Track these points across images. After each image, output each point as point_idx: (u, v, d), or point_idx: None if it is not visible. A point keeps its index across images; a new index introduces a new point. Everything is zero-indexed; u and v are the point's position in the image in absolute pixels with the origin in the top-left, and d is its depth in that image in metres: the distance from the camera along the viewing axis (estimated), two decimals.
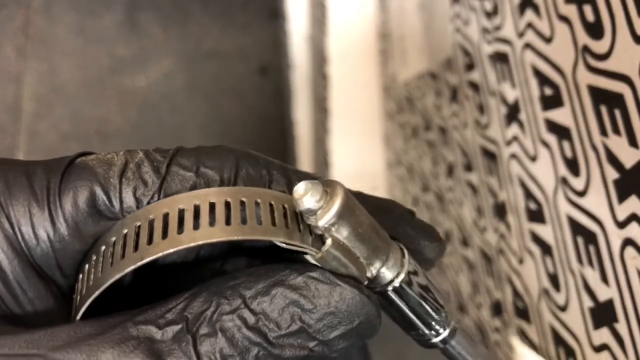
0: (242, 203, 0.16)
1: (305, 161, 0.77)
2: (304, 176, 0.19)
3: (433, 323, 0.19)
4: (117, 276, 0.15)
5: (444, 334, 0.20)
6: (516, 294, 0.33)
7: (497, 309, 0.36)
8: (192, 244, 0.15)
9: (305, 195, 0.16)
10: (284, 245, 0.16)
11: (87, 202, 0.17)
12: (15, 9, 0.84)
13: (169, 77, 0.84)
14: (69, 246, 0.17)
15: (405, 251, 0.19)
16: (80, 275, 0.17)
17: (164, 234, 0.15)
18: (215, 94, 0.85)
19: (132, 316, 0.15)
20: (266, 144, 0.82)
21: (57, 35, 0.86)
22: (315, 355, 0.16)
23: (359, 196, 0.19)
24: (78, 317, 0.16)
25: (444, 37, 0.40)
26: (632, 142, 0.21)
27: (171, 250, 0.15)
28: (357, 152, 0.62)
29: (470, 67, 0.36)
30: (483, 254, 0.37)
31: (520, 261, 0.32)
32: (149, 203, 0.17)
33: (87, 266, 0.17)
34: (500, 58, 0.31)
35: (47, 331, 0.15)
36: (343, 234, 0.16)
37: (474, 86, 0.35)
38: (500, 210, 0.34)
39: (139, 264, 0.15)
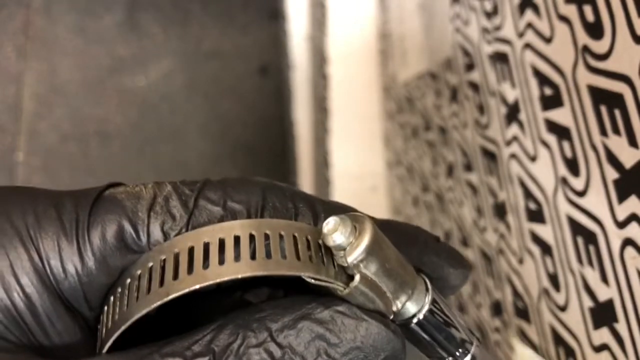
0: (267, 236, 0.16)
1: (305, 161, 0.77)
2: (330, 206, 0.19)
3: (454, 351, 0.20)
4: (144, 312, 0.15)
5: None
6: (516, 294, 0.33)
7: (497, 309, 0.36)
8: (218, 280, 0.15)
9: (336, 232, 0.16)
10: (312, 280, 0.16)
11: (116, 236, 0.17)
12: (15, 9, 0.84)
13: (169, 77, 0.84)
14: (96, 280, 0.17)
15: (429, 284, 0.19)
16: (106, 308, 0.17)
17: (190, 269, 0.16)
18: (215, 94, 0.85)
19: (158, 348, 0.16)
20: (266, 144, 0.82)
21: (57, 35, 0.86)
22: None
23: (385, 224, 0.19)
24: (105, 350, 0.16)
25: (444, 37, 0.40)
26: (632, 142, 0.21)
27: (197, 287, 0.15)
28: (357, 152, 0.62)
29: (470, 67, 0.36)
30: (483, 254, 0.37)
31: (520, 261, 0.32)
32: None
33: (112, 298, 0.17)
34: (500, 58, 0.31)
35: None
36: (371, 269, 0.17)
37: (474, 86, 0.35)
38: (500, 210, 0.34)
39: (165, 300, 0.15)
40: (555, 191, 0.27)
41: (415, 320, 0.18)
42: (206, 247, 0.16)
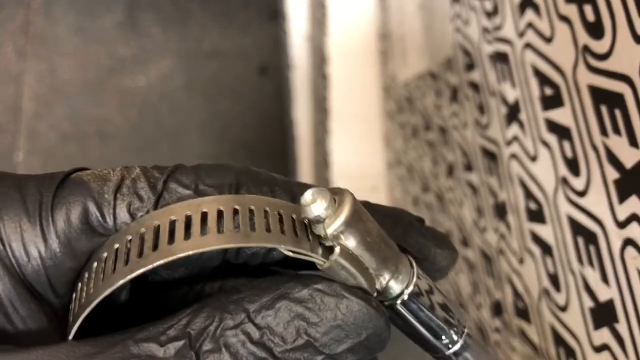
0: (236, 211, 0.16)
1: (305, 161, 0.77)
2: (308, 188, 0.19)
3: (444, 336, 0.19)
4: (108, 291, 0.15)
5: (456, 346, 0.19)
6: (516, 294, 0.33)
7: (497, 309, 0.36)
8: (182, 254, 0.15)
9: (314, 203, 0.15)
10: (289, 253, 0.16)
11: (80, 218, 0.16)
12: (15, 9, 0.84)
13: (169, 77, 0.84)
14: (61, 263, 0.16)
15: (414, 263, 0.18)
16: (74, 294, 0.16)
17: (155, 246, 0.15)
18: (215, 94, 0.85)
19: (132, 334, 0.15)
20: (266, 144, 0.82)
21: (57, 35, 0.86)
22: None
23: (367, 205, 0.19)
24: (71, 335, 0.16)
25: (444, 37, 0.39)
26: (633, 142, 0.21)
27: (162, 262, 0.15)
28: (357, 152, 0.62)
29: (470, 67, 0.36)
30: (483, 254, 0.37)
31: (521, 261, 0.32)
32: None
33: (79, 284, 0.16)
34: (500, 58, 0.31)
35: (45, 350, 0.15)
36: (352, 242, 0.16)
37: (474, 86, 0.35)
38: (501, 210, 0.34)
39: (129, 277, 0.15)
40: (556, 191, 0.27)
41: (399, 300, 0.18)
42: (172, 224, 0.15)
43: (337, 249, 0.16)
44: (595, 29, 0.23)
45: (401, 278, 0.17)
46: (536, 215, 0.29)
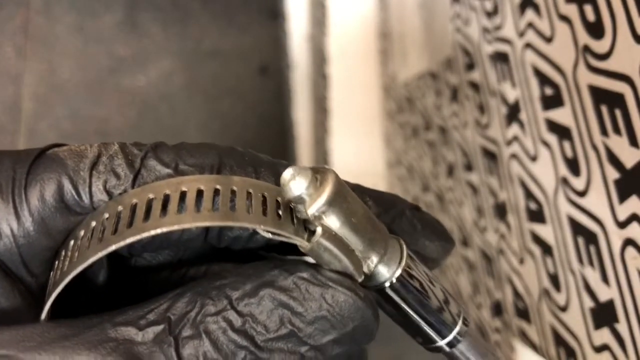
0: (217, 191, 0.15)
1: (305, 161, 0.77)
2: None
3: (437, 324, 0.18)
4: (80, 268, 0.15)
5: (450, 337, 0.18)
6: (516, 294, 0.33)
7: (497, 309, 0.36)
8: (156, 231, 0.14)
9: (293, 181, 0.15)
10: (269, 235, 0.15)
11: (55, 196, 0.16)
12: (14, 9, 0.84)
13: (169, 77, 0.84)
14: (35, 242, 0.16)
15: (404, 246, 0.17)
16: (51, 273, 0.16)
17: (130, 224, 0.15)
18: (215, 94, 0.85)
19: (111, 317, 0.15)
20: (266, 144, 0.82)
21: (57, 35, 0.86)
22: None
23: (358, 188, 0.18)
24: (43, 315, 0.15)
25: (444, 37, 0.39)
26: (633, 142, 0.21)
27: (135, 238, 0.14)
28: (357, 152, 0.62)
29: (470, 66, 0.36)
30: (483, 254, 0.37)
31: (521, 261, 0.32)
32: None
33: (56, 263, 0.16)
34: (500, 58, 0.31)
35: (18, 331, 0.14)
36: (335, 223, 0.15)
37: (474, 86, 0.35)
38: (501, 210, 0.34)
39: (101, 253, 0.14)
40: (556, 191, 0.27)
41: (388, 283, 0.17)
42: (150, 202, 0.15)
43: (319, 230, 0.15)
44: (595, 29, 0.23)
45: (391, 262, 0.17)
46: (536, 215, 0.29)
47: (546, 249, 0.29)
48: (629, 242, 0.22)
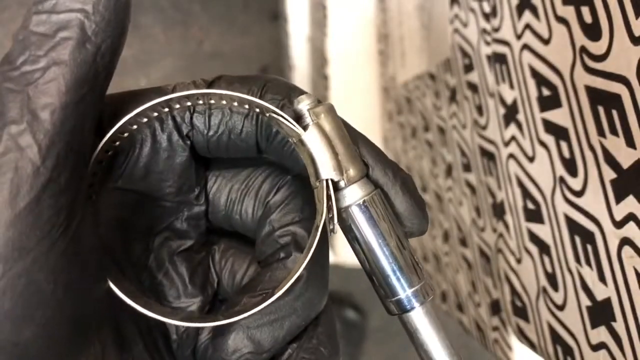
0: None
1: None
2: None
3: (397, 271, 0.18)
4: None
5: (415, 287, 0.17)
6: (514, 293, 0.33)
7: (495, 307, 0.36)
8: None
9: (302, 96, 0.18)
10: (274, 114, 0.17)
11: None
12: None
13: (170, 78, 0.85)
14: None
15: (379, 190, 0.18)
16: None
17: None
18: None
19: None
20: None
21: None
22: None
23: (358, 135, 0.19)
24: None
25: (443, 39, 0.40)
26: (630, 142, 0.21)
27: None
28: None
29: (469, 68, 0.36)
30: (482, 253, 0.37)
31: (519, 260, 0.32)
32: None
33: None
34: (498, 59, 0.32)
35: None
36: (327, 126, 0.17)
37: (473, 87, 0.36)
38: (499, 210, 0.34)
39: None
40: (553, 191, 0.27)
41: (361, 201, 0.17)
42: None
43: (314, 119, 0.17)
44: (592, 31, 0.23)
45: (366, 186, 0.18)
46: (534, 215, 0.30)
47: (544, 248, 0.29)
48: (625, 241, 0.22)
